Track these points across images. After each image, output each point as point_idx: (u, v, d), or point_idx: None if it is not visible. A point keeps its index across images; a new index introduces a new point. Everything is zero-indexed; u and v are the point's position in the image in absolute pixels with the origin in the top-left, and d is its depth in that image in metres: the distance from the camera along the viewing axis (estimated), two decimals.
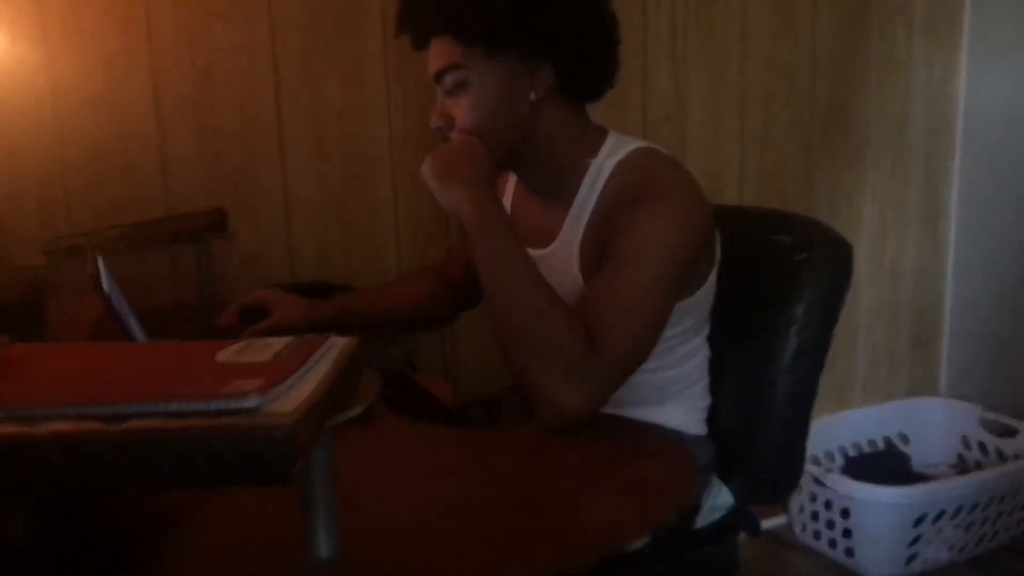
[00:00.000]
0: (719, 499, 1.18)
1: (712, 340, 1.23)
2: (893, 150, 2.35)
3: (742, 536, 1.25)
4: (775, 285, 1.23)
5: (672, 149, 2.02)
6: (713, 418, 1.25)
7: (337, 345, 0.70)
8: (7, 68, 1.50)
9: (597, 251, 1.08)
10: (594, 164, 1.14)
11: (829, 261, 1.22)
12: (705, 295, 1.15)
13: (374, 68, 1.74)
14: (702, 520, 1.17)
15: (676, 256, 1.03)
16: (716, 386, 1.25)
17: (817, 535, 2.18)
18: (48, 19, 1.51)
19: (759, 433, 1.22)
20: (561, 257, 1.15)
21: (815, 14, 2.17)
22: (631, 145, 1.14)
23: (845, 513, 2.08)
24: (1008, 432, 2.31)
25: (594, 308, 1.00)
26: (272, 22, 1.66)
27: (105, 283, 0.92)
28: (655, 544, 1.08)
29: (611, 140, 1.16)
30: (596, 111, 1.20)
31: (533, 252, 1.17)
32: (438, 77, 1.11)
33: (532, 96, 1.11)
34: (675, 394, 1.19)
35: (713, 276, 1.16)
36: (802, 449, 1.24)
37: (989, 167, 2.38)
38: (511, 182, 1.29)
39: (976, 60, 2.36)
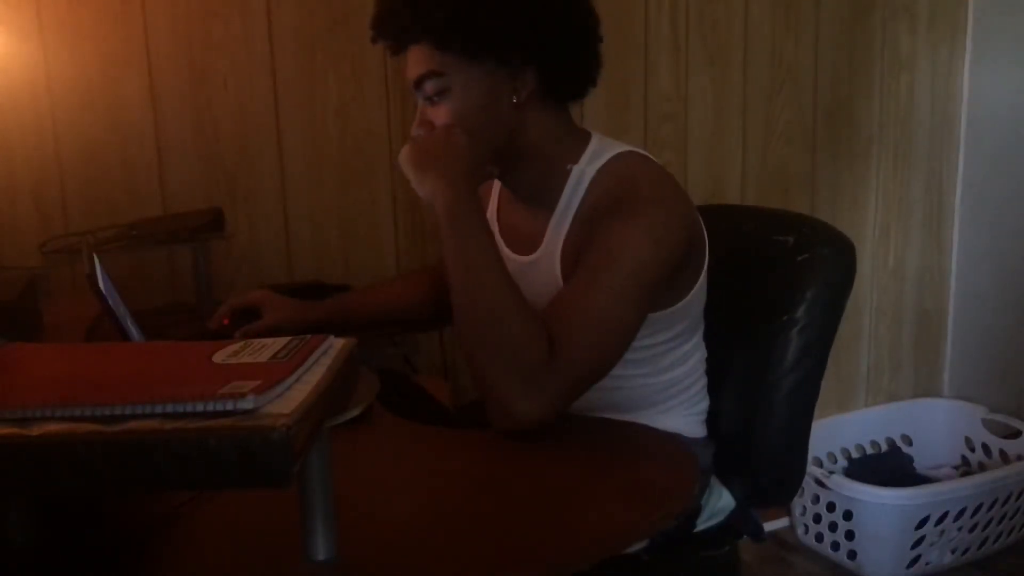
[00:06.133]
0: (720, 502, 1.17)
1: (712, 340, 1.22)
2: (896, 149, 2.34)
3: (745, 539, 1.24)
4: (777, 286, 1.22)
5: (674, 148, 2.06)
6: (714, 420, 1.24)
7: (335, 346, 0.69)
8: (3, 66, 1.49)
9: (576, 260, 1.05)
10: (575, 171, 1.11)
11: (831, 262, 1.21)
12: (694, 300, 1.13)
13: (372, 65, 1.73)
14: (702, 523, 1.16)
15: (648, 271, 1.00)
16: (717, 387, 1.24)
17: (819, 537, 2.17)
18: (45, 17, 1.50)
19: (760, 436, 1.21)
20: (545, 265, 1.13)
21: (818, 12, 2.17)
22: (613, 150, 1.11)
23: (848, 515, 2.08)
24: (1012, 433, 2.30)
25: (558, 317, 0.98)
26: (270, 20, 1.65)
27: (101, 283, 0.91)
28: (653, 547, 1.07)
29: (593, 145, 1.13)
30: (598, 110, 1.19)
31: (520, 258, 1.17)
32: (417, 84, 1.09)
33: (514, 99, 1.08)
34: (671, 398, 1.18)
35: (702, 280, 1.13)
36: (803, 453, 1.23)
37: (993, 166, 2.37)
38: (495, 187, 1.27)
39: (979, 58, 2.35)
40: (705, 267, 1.13)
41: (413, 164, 1.04)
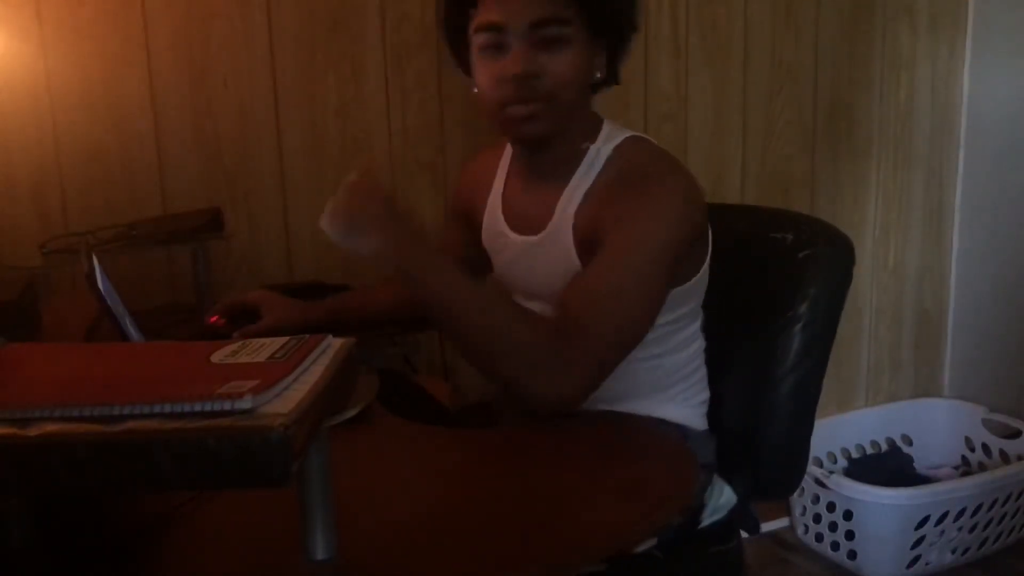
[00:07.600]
0: (722, 498, 1.18)
1: (715, 337, 1.23)
2: (896, 149, 2.34)
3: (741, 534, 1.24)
4: (778, 283, 1.23)
5: (674, 147, 2.05)
6: (716, 415, 1.24)
7: (334, 345, 0.69)
8: (3, 66, 1.49)
9: (591, 233, 1.08)
10: (592, 149, 1.15)
11: (831, 258, 1.22)
12: (700, 282, 1.16)
13: (373, 66, 1.73)
14: (706, 519, 1.16)
15: (669, 247, 1.04)
16: (720, 383, 1.24)
17: (819, 537, 2.17)
18: (45, 16, 1.50)
19: (763, 431, 1.22)
20: (554, 242, 1.15)
21: (818, 11, 2.16)
22: (626, 133, 1.17)
23: (848, 515, 2.07)
24: (1012, 433, 2.30)
25: (583, 294, 1.00)
26: (270, 20, 1.65)
27: (101, 283, 0.91)
28: (662, 545, 1.08)
29: (607, 127, 1.18)
30: (597, 109, 1.20)
31: (525, 239, 1.18)
32: (535, 25, 1.05)
33: (597, 76, 1.14)
34: (673, 385, 1.19)
35: (706, 266, 1.16)
36: (806, 448, 1.24)
37: (993, 166, 2.37)
38: (503, 162, 1.27)
39: (980, 58, 2.35)
40: (709, 254, 1.16)
41: (341, 234, 0.95)
